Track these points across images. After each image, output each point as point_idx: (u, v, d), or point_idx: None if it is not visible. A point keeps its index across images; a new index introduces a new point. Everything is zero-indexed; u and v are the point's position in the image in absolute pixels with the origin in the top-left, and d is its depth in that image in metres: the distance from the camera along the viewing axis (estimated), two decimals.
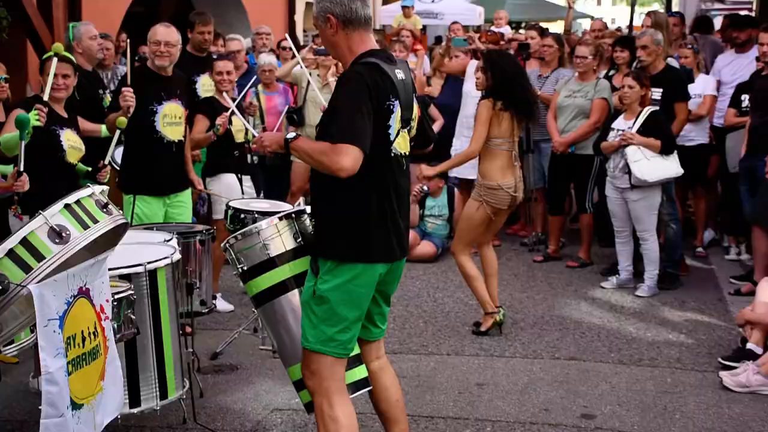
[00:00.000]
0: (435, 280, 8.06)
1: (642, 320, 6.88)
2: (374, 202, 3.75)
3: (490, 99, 6.27)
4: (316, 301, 3.78)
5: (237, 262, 4.19)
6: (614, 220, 7.69)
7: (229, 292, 7.40)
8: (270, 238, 4.11)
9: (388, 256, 3.85)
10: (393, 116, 3.75)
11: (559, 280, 8.07)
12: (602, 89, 8.31)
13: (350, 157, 3.55)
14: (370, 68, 3.70)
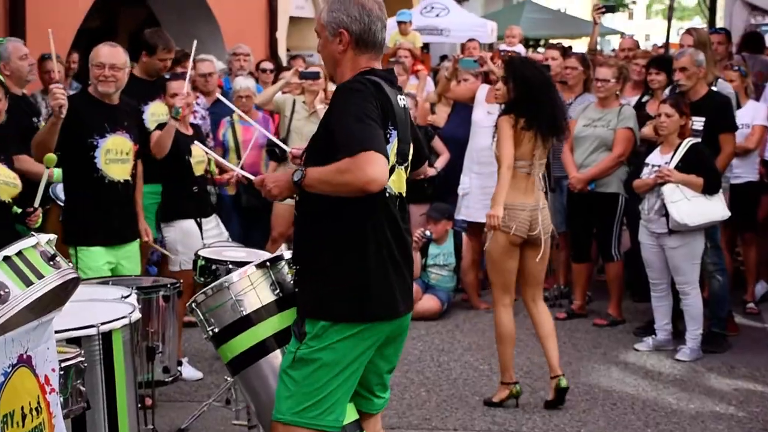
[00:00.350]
0: (439, 341, 8.04)
1: (683, 389, 6.85)
2: (372, 248, 3.74)
3: (511, 115, 6.28)
4: (297, 366, 3.76)
5: (206, 323, 4.17)
6: (649, 270, 7.69)
7: (197, 357, 7.37)
8: (243, 293, 4.09)
9: (392, 313, 3.83)
10: (389, 147, 3.73)
11: (585, 341, 8.06)
12: (626, 117, 8.37)
13: (377, 166, 3.50)
14: (371, 84, 3.71)
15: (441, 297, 8.87)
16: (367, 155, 3.49)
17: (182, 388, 6.75)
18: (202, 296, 4.19)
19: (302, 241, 3.88)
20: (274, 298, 4.09)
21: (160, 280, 5.94)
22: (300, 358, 3.74)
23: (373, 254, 3.75)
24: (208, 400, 6.19)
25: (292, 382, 3.77)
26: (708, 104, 7.86)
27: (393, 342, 3.97)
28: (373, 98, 3.64)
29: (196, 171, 7.12)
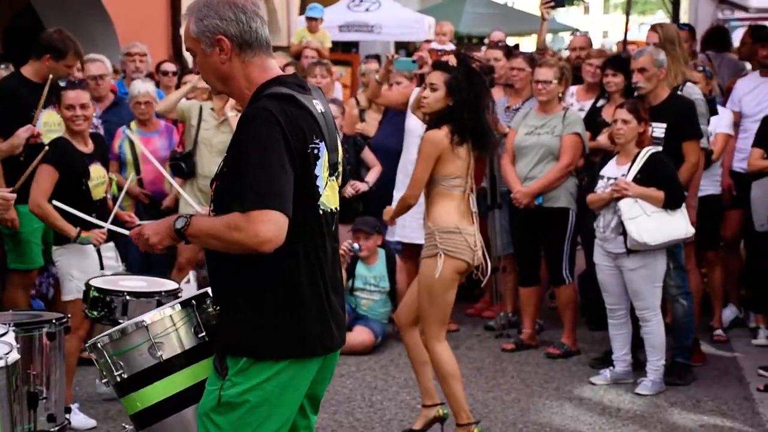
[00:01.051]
0: (371, 379, 8.12)
1: (644, 426, 7.00)
2: (304, 274, 3.76)
3: (446, 128, 6.35)
4: (221, 410, 3.75)
5: (113, 368, 4.07)
6: (606, 295, 7.86)
7: (90, 401, 7.33)
8: (162, 335, 4.03)
9: (328, 347, 3.86)
10: (319, 162, 3.76)
11: (536, 374, 8.19)
12: (573, 122, 8.54)
13: (272, 225, 3.55)
14: (281, 101, 3.70)
15: (374, 328, 8.93)
16: (262, 214, 3.53)
17: None
18: (108, 337, 4.10)
19: (220, 273, 3.87)
20: (197, 342, 4.03)
21: (42, 315, 5.84)
22: (226, 401, 3.74)
23: (306, 281, 3.76)
24: None
25: (217, 430, 3.76)
26: (670, 109, 7.98)
27: (321, 380, 4.01)
28: (280, 127, 3.62)
29: (95, 195, 7.00)
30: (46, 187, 6.78)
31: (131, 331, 4.06)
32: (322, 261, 3.80)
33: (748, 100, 9.24)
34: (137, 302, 5.69)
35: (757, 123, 8.77)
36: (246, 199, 3.56)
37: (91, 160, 7.04)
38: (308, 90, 3.89)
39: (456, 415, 6.51)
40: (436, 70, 6.53)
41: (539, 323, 9.20)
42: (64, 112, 7.05)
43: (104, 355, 4.08)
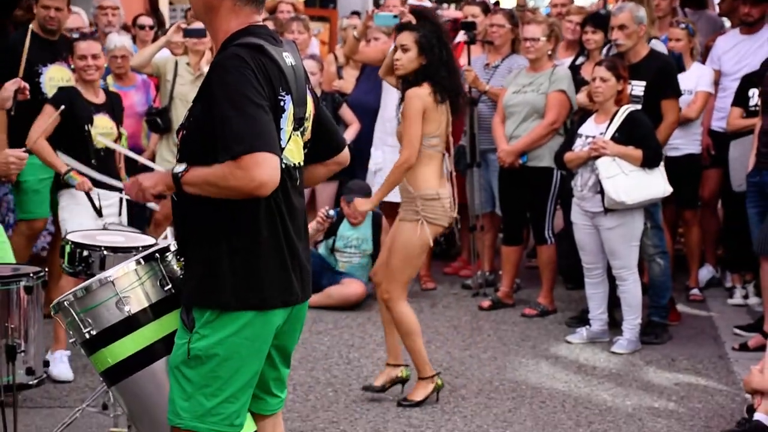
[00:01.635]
0: (349, 336, 8.17)
1: (620, 384, 7.07)
2: (264, 228, 3.79)
3: (427, 85, 6.36)
4: (191, 364, 3.79)
5: (81, 325, 4.07)
6: (583, 253, 7.91)
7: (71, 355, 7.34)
8: (128, 289, 4.05)
9: (288, 300, 3.90)
10: (285, 115, 3.79)
11: (512, 333, 8.26)
12: (559, 79, 8.52)
13: (266, 167, 3.56)
14: (251, 51, 3.72)
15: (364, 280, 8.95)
16: (252, 158, 3.55)
17: (50, 392, 6.75)
18: (73, 295, 4.10)
19: (185, 226, 3.91)
20: (163, 295, 4.06)
21: (21, 268, 5.87)
22: (195, 355, 3.78)
23: (266, 235, 3.80)
24: (80, 405, 6.16)
25: (189, 383, 3.81)
26: (649, 67, 8.02)
27: (289, 332, 4.05)
28: (252, 72, 3.65)
29: (99, 143, 7.11)
30: (43, 125, 6.97)
31: (96, 288, 4.06)
32: (284, 213, 3.84)
33: (728, 58, 9.24)
34: (115, 257, 5.69)
35: (737, 81, 8.81)
36: (232, 145, 3.57)
37: (99, 110, 7.23)
38: (279, 42, 3.90)
39: (420, 369, 6.61)
40: (404, 30, 6.51)
41: (517, 282, 9.26)
42: (76, 62, 7.27)
43: (71, 314, 4.08)
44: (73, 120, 7.07)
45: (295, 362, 6.46)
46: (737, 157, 8.63)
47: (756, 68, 8.52)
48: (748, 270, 8.92)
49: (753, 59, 8.88)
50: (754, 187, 8.05)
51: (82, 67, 7.23)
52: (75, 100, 7.15)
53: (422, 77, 6.38)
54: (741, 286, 9.05)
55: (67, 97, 7.15)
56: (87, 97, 7.25)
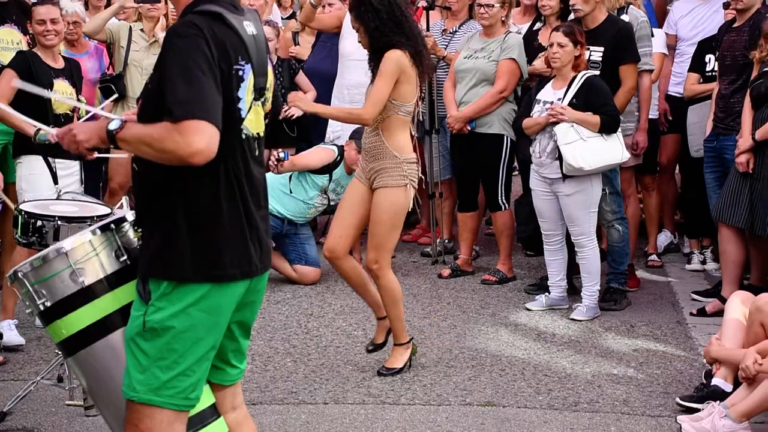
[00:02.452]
0: (308, 305, 8.16)
1: (579, 351, 7.11)
2: (223, 200, 3.77)
3: (405, 47, 6.30)
4: (147, 336, 3.76)
5: (36, 296, 4.04)
6: (542, 220, 7.93)
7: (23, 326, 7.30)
8: (84, 260, 4.01)
9: (247, 271, 3.89)
10: (243, 85, 3.77)
11: (471, 300, 8.29)
12: (510, 47, 8.51)
13: (204, 135, 3.53)
14: (209, 19, 3.70)
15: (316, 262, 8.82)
16: (192, 124, 3.52)
17: (4, 365, 6.71)
18: (28, 266, 4.06)
19: (143, 195, 3.89)
20: (119, 266, 4.03)
21: None
22: (151, 327, 3.75)
23: (225, 206, 3.78)
24: (35, 378, 6.14)
25: (144, 356, 3.78)
26: (607, 32, 8.00)
27: (249, 304, 4.04)
28: (206, 42, 3.63)
29: (58, 108, 7.12)
30: (4, 90, 6.93)
31: (52, 258, 4.02)
32: (243, 185, 3.82)
33: (684, 23, 9.24)
34: (69, 227, 5.65)
35: (694, 46, 8.85)
36: (175, 110, 3.54)
37: (58, 75, 7.19)
38: (241, 11, 3.87)
39: (398, 336, 6.66)
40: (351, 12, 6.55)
41: (476, 249, 9.26)
42: (35, 27, 7.23)
43: (26, 285, 4.05)
44: (32, 83, 6.90)
45: (254, 332, 6.43)
46: (695, 122, 8.68)
47: (712, 33, 8.55)
48: (706, 235, 8.99)
49: (709, 24, 8.92)
50: (711, 153, 8.10)
51: (41, 32, 7.17)
52: (35, 65, 7.11)
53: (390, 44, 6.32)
54: (699, 251, 9.12)
55: (26, 61, 7.13)
56: (47, 62, 7.20)
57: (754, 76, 7.42)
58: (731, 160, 7.59)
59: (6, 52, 7.71)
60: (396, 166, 6.38)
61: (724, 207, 7.55)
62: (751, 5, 7.78)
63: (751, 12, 7.79)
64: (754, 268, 7.79)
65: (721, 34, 8.22)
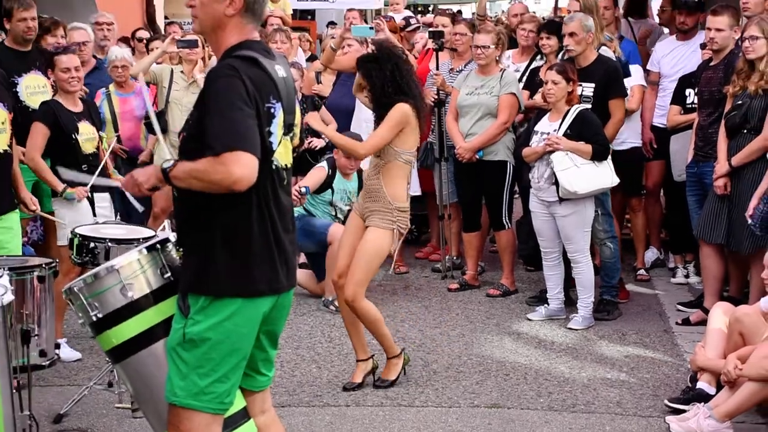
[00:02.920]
0: (330, 317, 8.09)
1: (576, 358, 7.04)
2: (255, 224, 3.79)
3: (410, 103, 6.23)
4: (186, 346, 3.78)
5: (89, 308, 4.08)
6: (541, 239, 7.87)
7: (77, 338, 7.30)
8: (132, 277, 4.05)
9: (275, 288, 3.89)
10: (275, 121, 3.79)
11: (478, 312, 8.21)
12: (509, 83, 8.50)
13: (244, 164, 3.58)
14: (245, 62, 3.73)
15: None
16: (232, 155, 3.57)
17: (61, 371, 6.69)
18: (82, 282, 4.10)
19: (184, 218, 3.91)
20: (163, 282, 4.07)
21: (34, 259, 5.87)
22: (190, 339, 3.77)
23: (256, 229, 3.80)
24: (88, 383, 6.15)
25: (184, 364, 3.80)
26: (598, 70, 8.02)
27: (276, 317, 4.04)
28: (243, 82, 3.66)
29: (86, 149, 7.06)
30: (38, 143, 6.97)
31: (104, 275, 4.07)
32: (273, 211, 3.84)
33: (666, 62, 9.22)
34: (118, 248, 5.72)
35: (675, 82, 8.80)
36: (216, 143, 3.59)
37: (80, 118, 7.09)
38: (273, 56, 3.92)
39: (388, 350, 6.54)
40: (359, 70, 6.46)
41: (481, 265, 9.20)
42: (59, 74, 7.10)
43: (80, 298, 4.09)
44: (61, 130, 6.96)
45: (282, 341, 6.38)
46: (677, 150, 8.65)
47: (692, 70, 8.53)
48: (689, 251, 8.92)
49: (688, 62, 8.88)
50: (692, 177, 8.05)
51: (65, 79, 7.03)
52: (59, 112, 7.03)
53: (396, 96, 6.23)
54: (683, 266, 9.05)
55: (53, 112, 7.02)
56: (68, 107, 7.10)
57: (728, 109, 7.38)
58: (710, 184, 7.53)
59: (34, 96, 7.63)
60: (388, 212, 6.24)
61: (705, 226, 7.50)
62: (725, 46, 7.74)
63: (725, 52, 7.76)
64: (733, 282, 7.73)
65: (699, 71, 8.19)
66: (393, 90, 6.23)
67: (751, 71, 7.17)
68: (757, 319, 5.93)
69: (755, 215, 6.78)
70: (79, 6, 12.83)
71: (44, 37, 8.50)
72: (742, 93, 7.23)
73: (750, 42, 7.08)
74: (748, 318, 5.93)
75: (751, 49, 7.09)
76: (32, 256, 7.05)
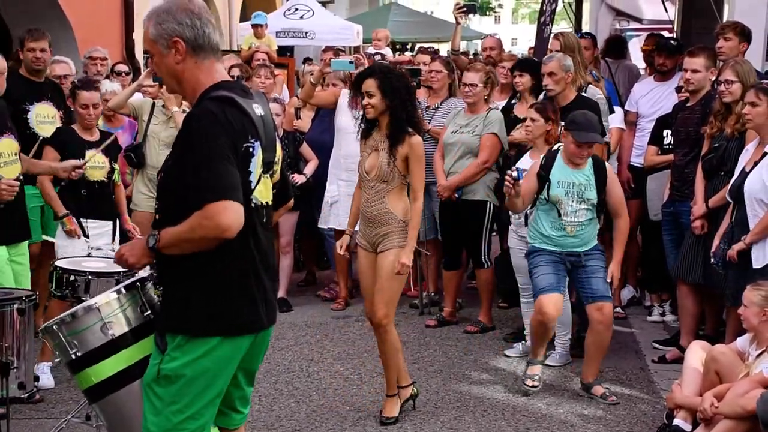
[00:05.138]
0: (308, 351, 8.13)
1: (553, 394, 7.09)
2: (234, 262, 3.81)
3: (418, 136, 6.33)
4: (162, 383, 3.80)
5: (68, 347, 4.08)
6: (519, 276, 7.93)
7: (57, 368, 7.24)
8: (112, 315, 4.05)
9: (255, 327, 3.91)
10: (253, 160, 3.81)
11: (456, 348, 8.26)
12: (492, 123, 8.53)
13: (230, 213, 3.60)
14: (222, 104, 3.75)
15: None
16: (216, 206, 3.59)
17: (38, 405, 6.69)
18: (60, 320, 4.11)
19: (162, 259, 3.89)
20: (143, 321, 4.08)
21: (14, 292, 5.85)
22: (165, 375, 3.79)
23: (236, 267, 3.82)
24: (66, 417, 6.14)
25: (159, 400, 3.81)
26: (577, 109, 8.05)
27: (254, 356, 4.07)
28: (221, 126, 3.68)
29: (91, 175, 7.22)
30: (48, 168, 7.07)
31: (83, 314, 4.08)
32: (252, 249, 3.86)
33: (644, 102, 9.33)
34: (98, 281, 5.73)
35: (653, 122, 8.89)
36: (201, 195, 3.61)
37: (92, 146, 7.24)
38: (250, 95, 3.94)
39: (402, 379, 6.60)
40: (369, 78, 6.38)
41: (459, 301, 9.26)
42: (78, 109, 7.39)
43: (59, 336, 4.09)
44: (66, 157, 7.09)
45: (260, 376, 6.42)
46: (653, 189, 8.75)
47: (669, 111, 8.60)
48: (665, 290, 9.00)
49: (666, 103, 8.97)
50: (668, 217, 8.14)
51: (83, 114, 7.33)
52: (69, 139, 7.28)
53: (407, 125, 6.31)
54: (659, 304, 9.12)
55: (63, 138, 7.34)
56: (82, 136, 7.33)
57: (706, 151, 7.46)
58: (686, 224, 7.63)
59: (44, 125, 7.94)
60: (401, 229, 6.34)
61: (682, 266, 7.59)
62: (701, 87, 7.84)
63: (702, 93, 7.86)
64: (709, 320, 7.82)
65: (675, 111, 8.29)
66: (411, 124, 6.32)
67: (728, 113, 7.27)
68: (733, 358, 6.02)
69: (717, 254, 6.88)
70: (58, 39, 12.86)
71: None
72: (720, 135, 7.32)
73: (726, 86, 7.19)
74: (724, 357, 6.01)
75: (727, 93, 7.19)
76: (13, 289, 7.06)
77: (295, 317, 9.15)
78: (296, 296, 9.89)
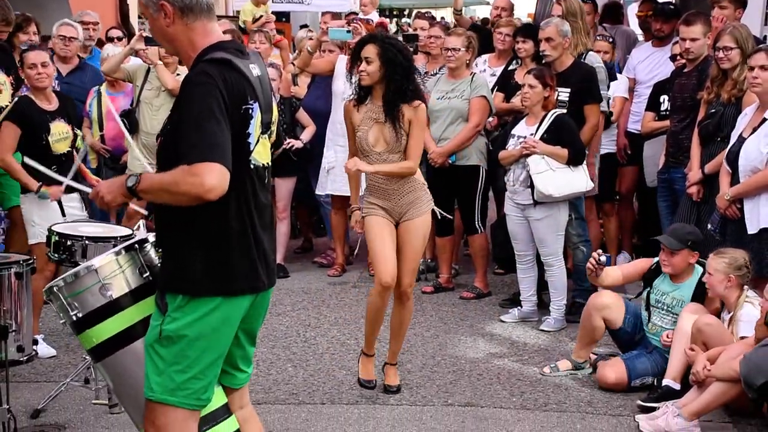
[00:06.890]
0: (305, 317, 8.23)
1: (548, 358, 7.19)
2: (233, 223, 3.85)
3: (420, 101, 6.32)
4: (163, 343, 3.84)
5: (69, 308, 4.12)
6: (515, 242, 8.03)
7: (54, 335, 7.42)
8: (111, 276, 4.08)
9: (254, 287, 3.97)
10: (252, 122, 3.85)
11: (452, 313, 8.37)
12: (479, 86, 8.60)
13: (215, 174, 3.61)
14: (219, 66, 3.77)
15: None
16: (206, 166, 3.59)
17: (37, 368, 6.80)
18: (62, 281, 4.14)
19: (162, 217, 3.95)
20: (142, 282, 4.11)
21: (11, 256, 5.92)
22: (167, 335, 3.83)
23: (236, 230, 3.86)
24: (65, 380, 6.23)
25: (161, 361, 3.86)
26: (574, 75, 8.13)
27: (255, 316, 4.13)
28: (217, 89, 3.70)
29: (57, 149, 6.99)
30: (9, 143, 6.91)
31: (83, 275, 4.09)
32: (252, 209, 3.90)
33: (642, 68, 9.39)
34: (95, 246, 5.75)
35: (650, 88, 8.95)
36: (190, 154, 3.62)
37: (54, 117, 7.03)
38: (246, 55, 3.95)
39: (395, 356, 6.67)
40: (368, 44, 6.32)
41: (455, 268, 9.36)
42: (27, 72, 7.06)
43: (60, 298, 4.12)
44: (31, 130, 6.91)
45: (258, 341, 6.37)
46: (650, 156, 8.82)
47: (666, 77, 8.66)
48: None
49: (664, 69, 9.03)
50: (664, 183, 8.19)
51: (32, 75, 6.99)
52: (31, 112, 6.98)
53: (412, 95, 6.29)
54: None
55: (23, 110, 6.97)
56: (41, 105, 7.02)
57: (702, 117, 7.48)
58: (680, 190, 7.70)
59: None
60: (425, 193, 6.41)
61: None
62: (700, 54, 7.87)
63: (699, 59, 7.88)
64: None
65: (672, 78, 8.32)
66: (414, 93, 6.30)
67: (724, 79, 7.29)
68: (719, 328, 6.11)
69: (715, 220, 6.95)
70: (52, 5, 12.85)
71: (16, 35, 8.59)
72: (716, 101, 7.35)
73: (724, 52, 7.19)
74: (710, 328, 6.10)
75: (725, 59, 7.18)
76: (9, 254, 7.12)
77: (292, 283, 9.25)
78: (293, 263, 9.98)
